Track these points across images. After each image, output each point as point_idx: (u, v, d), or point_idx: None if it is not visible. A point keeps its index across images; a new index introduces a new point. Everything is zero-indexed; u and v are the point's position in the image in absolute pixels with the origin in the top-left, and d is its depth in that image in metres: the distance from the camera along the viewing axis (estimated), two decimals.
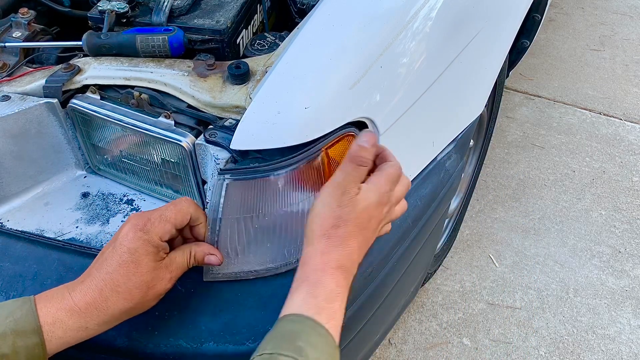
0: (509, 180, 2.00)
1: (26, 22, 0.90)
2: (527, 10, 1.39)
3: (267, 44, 0.91)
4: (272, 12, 1.06)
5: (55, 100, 0.82)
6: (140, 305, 0.68)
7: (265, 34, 0.93)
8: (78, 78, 0.83)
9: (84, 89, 0.84)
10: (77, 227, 0.83)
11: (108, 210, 0.86)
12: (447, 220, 1.64)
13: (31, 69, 0.87)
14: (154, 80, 0.81)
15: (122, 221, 0.84)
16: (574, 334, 1.57)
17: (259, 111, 0.73)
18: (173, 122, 0.78)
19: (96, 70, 0.83)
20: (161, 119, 0.78)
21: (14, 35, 0.89)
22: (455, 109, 1.05)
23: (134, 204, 0.87)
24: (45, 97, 0.82)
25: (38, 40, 0.91)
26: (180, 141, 0.76)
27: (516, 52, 1.67)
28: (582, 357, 1.52)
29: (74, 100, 0.82)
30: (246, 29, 0.95)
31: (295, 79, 0.75)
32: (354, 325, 0.87)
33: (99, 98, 0.83)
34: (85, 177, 0.90)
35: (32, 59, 0.89)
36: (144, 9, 0.92)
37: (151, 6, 0.90)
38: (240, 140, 0.72)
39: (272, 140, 0.71)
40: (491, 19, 1.08)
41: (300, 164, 0.73)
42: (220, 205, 0.72)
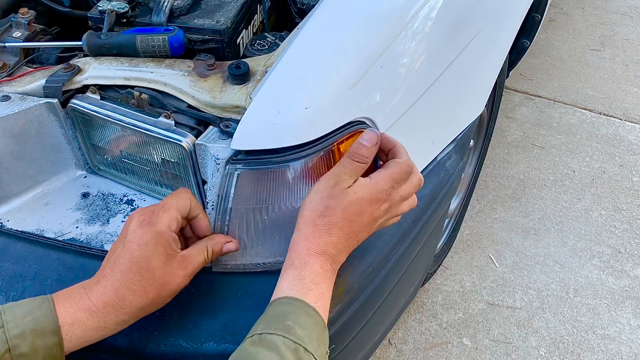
0: (509, 180, 2.00)
1: (26, 22, 0.90)
2: (527, 10, 1.39)
3: (267, 44, 0.91)
4: (272, 12, 1.06)
5: (55, 100, 0.82)
6: (155, 302, 0.68)
7: (265, 34, 0.93)
8: (78, 78, 0.83)
9: (84, 89, 0.83)
10: (77, 227, 0.83)
11: (108, 210, 0.86)
12: (447, 220, 1.64)
13: (31, 69, 0.87)
14: (154, 80, 0.81)
15: (123, 221, 0.84)
16: (574, 334, 1.57)
17: (259, 111, 0.73)
18: (173, 122, 0.78)
19: (96, 70, 0.83)
20: (161, 119, 0.78)
21: (14, 35, 0.89)
22: (455, 109, 1.05)
23: (134, 204, 0.87)
24: (45, 97, 0.82)
25: (38, 40, 0.91)
26: (181, 141, 0.76)
27: (516, 52, 1.67)
28: (582, 357, 1.52)
29: (74, 100, 0.82)
30: (246, 29, 0.95)
31: (295, 79, 0.75)
32: (354, 325, 0.87)
33: (99, 98, 0.83)
34: (85, 177, 0.90)
35: (32, 59, 0.89)
36: (144, 9, 0.92)
37: (151, 6, 0.90)
38: (240, 140, 0.72)
39: (272, 140, 0.72)
40: (491, 19, 1.08)
41: (312, 157, 0.73)
42: (231, 195, 0.72)
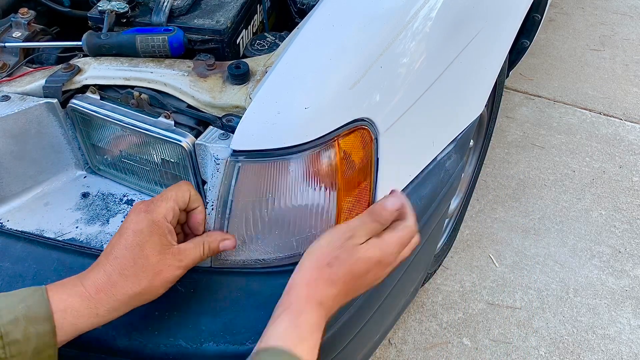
0: (509, 180, 2.00)
1: (26, 22, 0.90)
2: (527, 10, 1.39)
3: (267, 44, 0.91)
4: (272, 12, 1.06)
5: (55, 100, 0.82)
6: (148, 290, 0.68)
7: (265, 34, 0.93)
8: (78, 78, 0.83)
9: (84, 89, 0.83)
10: (77, 227, 0.83)
11: (108, 210, 0.86)
12: (447, 220, 1.64)
13: (31, 69, 0.87)
14: (154, 80, 0.81)
15: (122, 221, 0.84)
16: (574, 334, 1.57)
17: (259, 111, 0.73)
18: (173, 122, 0.78)
19: (96, 70, 0.83)
20: (161, 119, 0.78)
21: (14, 35, 0.89)
22: (455, 109, 1.05)
23: (133, 204, 0.87)
24: (45, 97, 0.82)
25: (38, 40, 0.91)
26: (180, 141, 0.76)
27: (516, 52, 1.67)
28: (582, 357, 1.52)
29: (74, 100, 0.82)
30: (246, 29, 0.95)
31: (295, 79, 0.75)
32: (354, 325, 0.87)
33: (99, 98, 0.83)
34: (85, 177, 0.90)
35: (32, 59, 0.89)
36: (144, 9, 0.92)
37: (151, 6, 0.90)
38: (240, 141, 0.72)
39: (272, 140, 0.71)
40: (491, 19, 1.08)
41: (313, 151, 0.73)
42: (232, 188, 0.73)
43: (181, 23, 0.88)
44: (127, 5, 0.89)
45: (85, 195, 0.88)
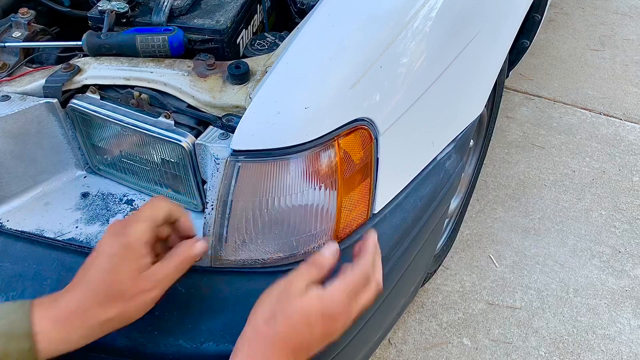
0: (509, 180, 2.00)
1: (26, 22, 0.90)
2: (527, 11, 1.39)
3: (267, 44, 0.91)
4: (272, 12, 1.06)
5: (55, 100, 0.82)
6: (121, 316, 0.65)
7: (265, 34, 0.93)
8: (78, 78, 0.83)
9: (84, 89, 0.83)
10: (77, 227, 0.83)
11: (108, 210, 0.86)
12: (447, 220, 1.64)
13: (31, 69, 0.87)
14: (154, 80, 0.81)
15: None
16: (574, 334, 1.57)
17: (259, 111, 0.73)
18: (173, 122, 0.78)
19: (96, 70, 0.83)
20: (161, 119, 0.78)
21: (14, 35, 0.89)
22: (455, 109, 1.05)
23: (134, 204, 0.87)
24: (45, 97, 0.82)
25: (38, 40, 0.91)
26: (180, 141, 0.76)
27: (516, 52, 1.67)
28: (582, 357, 1.52)
29: (74, 100, 0.82)
30: (246, 29, 0.95)
31: (295, 79, 0.75)
32: (353, 325, 0.87)
33: (99, 98, 0.83)
34: (85, 177, 0.90)
35: (32, 59, 0.89)
36: (144, 9, 0.92)
37: (151, 6, 0.90)
38: (240, 140, 0.72)
39: (272, 140, 0.72)
40: (491, 19, 1.08)
41: (313, 151, 0.73)
42: (232, 188, 0.72)
43: (181, 23, 0.88)
44: (127, 5, 0.89)
45: (85, 195, 0.88)
